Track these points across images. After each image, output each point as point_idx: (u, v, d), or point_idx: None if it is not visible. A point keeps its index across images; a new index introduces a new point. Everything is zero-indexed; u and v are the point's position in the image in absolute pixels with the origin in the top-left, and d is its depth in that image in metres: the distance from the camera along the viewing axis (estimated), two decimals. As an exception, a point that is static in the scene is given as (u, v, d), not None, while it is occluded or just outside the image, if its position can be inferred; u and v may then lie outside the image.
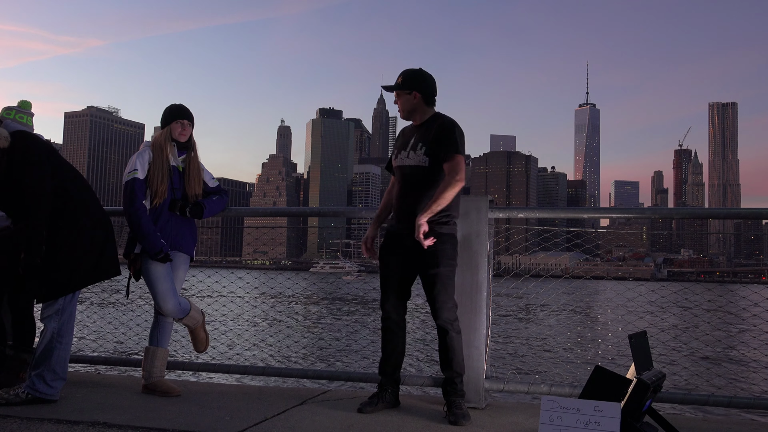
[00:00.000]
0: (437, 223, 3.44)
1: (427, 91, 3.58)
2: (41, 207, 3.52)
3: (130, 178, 3.84)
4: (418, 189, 3.51)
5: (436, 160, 3.49)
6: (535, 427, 3.27)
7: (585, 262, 38.66)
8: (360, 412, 3.50)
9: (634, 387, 2.74)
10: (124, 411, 3.43)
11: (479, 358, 3.77)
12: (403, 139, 3.66)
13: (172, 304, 3.86)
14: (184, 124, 3.98)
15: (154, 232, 3.80)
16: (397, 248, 3.59)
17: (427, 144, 3.51)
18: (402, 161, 3.59)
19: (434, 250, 3.42)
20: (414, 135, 3.60)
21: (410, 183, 3.54)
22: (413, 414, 3.48)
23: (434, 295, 3.46)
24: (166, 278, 3.84)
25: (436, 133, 3.51)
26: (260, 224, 14.76)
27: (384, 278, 3.65)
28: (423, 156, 3.50)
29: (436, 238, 3.40)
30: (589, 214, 4.14)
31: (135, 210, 3.79)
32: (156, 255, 3.78)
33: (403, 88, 3.58)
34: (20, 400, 3.48)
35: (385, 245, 3.66)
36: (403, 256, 3.56)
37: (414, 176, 3.53)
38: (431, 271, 3.45)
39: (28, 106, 3.97)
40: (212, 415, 3.40)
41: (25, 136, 3.61)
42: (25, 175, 3.52)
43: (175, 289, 3.91)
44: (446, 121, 3.56)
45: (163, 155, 3.90)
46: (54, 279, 3.57)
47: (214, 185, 4.19)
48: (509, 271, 4.51)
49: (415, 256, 3.48)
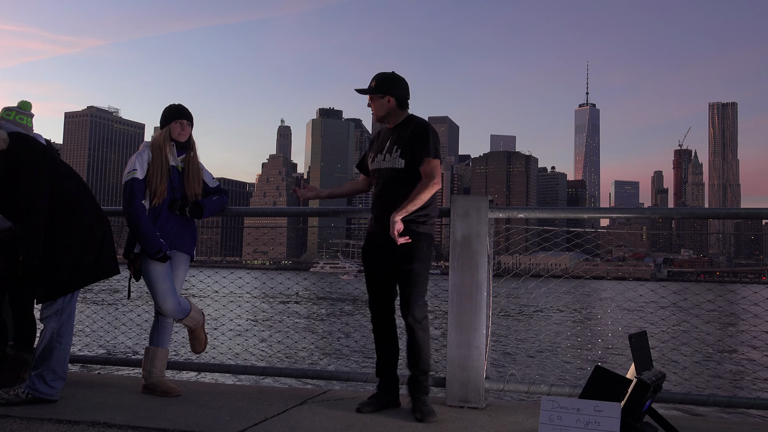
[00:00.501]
0: (414, 222, 3.50)
1: (400, 95, 3.62)
2: (38, 209, 3.52)
3: (129, 178, 3.84)
4: (395, 191, 3.54)
5: (411, 163, 3.53)
6: (535, 427, 3.27)
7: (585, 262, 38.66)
8: (359, 411, 3.52)
9: (634, 387, 2.75)
10: (124, 411, 3.43)
11: (479, 358, 3.77)
12: (379, 142, 3.70)
13: (171, 304, 3.86)
14: (183, 124, 3.98)
15: (153, 232, 3.80)
16: (377, 250, 3.63)
17: (402, 146, 3.55)
18: (378, 164, 3.63)
19: (410, 247, 3.48)
20: (389, 138, 3.64)
21: (387, 185, 3.58)
22: (413, 414, 3.47)
23: (406, 291, 3.50)
24: (165, 278, 3.84)
25: (410, 137, 3.55)
26: (260, 224, 14.76)
27: (369, 280, 3.70)
28: (398, 158, 3.55)
29: (412, 238, 3.46)
30: (589, 214, 4.15)
31: (134, 210, 3.79)
32: (155, 255, 3.78)
33: (377, 92, 3.60)
34: (20, 400, 3.48)
35: (367, 247, 3.70)
36: (382, 257, 3.60)
37: (390, 179, 3.57)
38: (405, 267, 3.50)
39: (28, 107, 3.97)
40: (212, 415, 3.39)
41: (22, 138, 3.60)
42: (22, 177, 3.51)
43: (174, 289, 3.90)
44: (419, 123, 3.60)
45: (162, 155, 3.89)
46: (53, 279, 3.57)
47: (215, 185, 4.20)
48: (509, 271, 4.51)
49: (391, 253, 3.52)
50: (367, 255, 3.69)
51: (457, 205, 3.88)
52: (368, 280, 3.70)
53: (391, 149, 3.58)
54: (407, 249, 3.47)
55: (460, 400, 3.74)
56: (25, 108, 3.92)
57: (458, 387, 3.75)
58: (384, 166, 3.60)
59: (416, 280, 3.50)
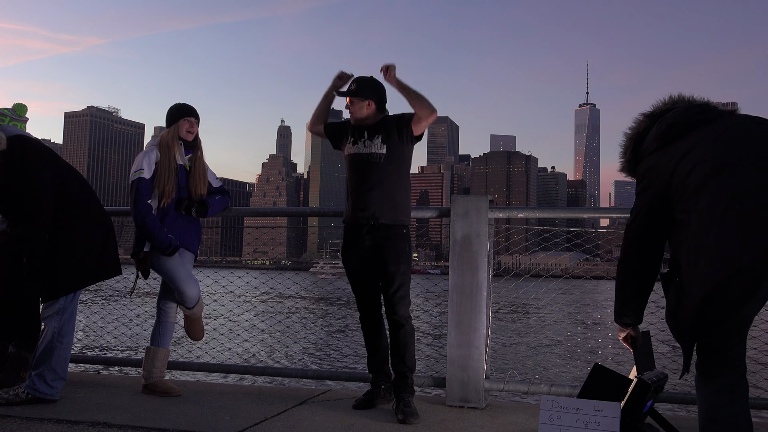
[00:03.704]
0: (402, 226, 3.60)
1: (380, 99, 3.67)
2: (42, 210, 3.52)
3: (136, 178, 3.85)
4: (376, 177, 3.57)
5: (392, 149, 3.58)
6: (535, 427, 3.27)
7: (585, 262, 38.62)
8: (355, 408, 3.56)
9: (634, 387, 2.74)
10: (125, 411, 3.43)
11: (479, 358, 3.77)
12: (354, 131, 3.69)
13: (196, 289, 3.93)
14: (192, 122, 3.99)
15: (160, 228, 3.81)
16: (357, 247, 3.63)
17: (384, 133, 3.60)
18: (359, 149, 3.64)
19: (395, 248, 3.54)
20: (365, 130, 3.66)
21: (366, 171, 3.60)
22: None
23: (394, 291, 3.54)
24: (182, 266, 3.90)
25: (394, 121, 3.62)
26: (260, 224, 14.75)
27: (351, 278, 3.72)
28: (380, 144, 3.59)
29: (400, 239, 3.57)
30: (589, 214, 4.14)
31: (140, 209, 3.79)
32: (165, 250, 3.80)
33: (358, 96, 3.63)
34: (20, 399, 3.48)
35: (346, 244, 3.70)
36: (363, 255, 3.61)
37: (371, 163, 3.59)
38: (392, 269, 3.53)
39: (23, 111, 3.93)
40: (212, 415, 3.40)
41: (24, 140, 3.60)
42: (26, 178, 3.51)
43: (192, 275, 3.95)
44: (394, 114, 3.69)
45: (170, 154, 3.90)
46: (55, 279, 3.57)
47: (218, 185, 4.21)
48: (509, 271, 4.50)
49: (375, 254, 3.56)
50: (348, 254, 3.69)
51: (457, 205, 3.88)
52: (351, 279, 3.72)
53: (372, 136, 3.61)
54: (393, 250, 3.53)
55: (460, 400, 3.74)
56: (20, 113, 3.90)
57: (458, 387, 3.75)
58: (364, 152, 3.61)
59: (404, 280, 3.56)
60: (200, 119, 4.07)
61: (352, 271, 3.70)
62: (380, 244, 3.55)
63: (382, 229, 3.55)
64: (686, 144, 2.28)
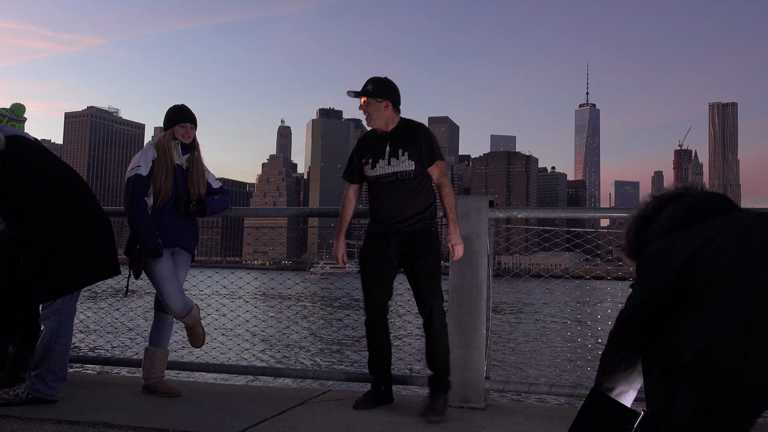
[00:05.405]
0: (431, 222, 3.62)
1: (396, 99, 3.65)
2: (39, 210, 3.52)
3: (132, 175, 3.84)
4: (408, 194, 3.56)
5: (420, 165, 3.58)
6: (535, 427, 3.27)
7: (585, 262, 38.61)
8: (355, 408, 3.55)
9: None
10: (124, 411, 3.43)
11: (479, 359, 3.77)
12: (374, 148, 3.65)
13: (180, 303, 3.86)
14: (187, 127, 3.97)
15: (150, 229, 3.78)
16: (381, 250, 3.62)
17: (409, 149, 3.58)
18: (383, 170, 3.60)
19: (429, 242, 3.57)
20: (387, 142, 3.62)
21: (394, 189, 3.57)
22: (413, 414, 3.47)
23: (426, 284, 3.54)
24: (173, 278, 3.84)
25: (420, 140, 3.60)
26: (260, 224, 14.76)
27: (367, 280, 3.69)
28: (408, 161, 3.57)
29: (430, 236, 3.60)
30: (589, 214, 4.15)
31: (134, 206, 3.79)
32: (150, 252, 3.77)
33: (375, 96, 3.60)
34: (20, 400, 3.48)
35: (368, 248, 3.68)
36: (388, 257, 3.60)
37: (399, 181, 3.57)
38: (424, 261, 3.54)
39: (21, 111, 3.92)
40: (212, 415, 3.40)
41: (20, 140, 3.59)
42: (23, 179, 3.51)
43: (182, 289, 3.92)
44: (422, 127, 3.67)
45: (167, 155, 3.89)
46: (52, 279, 3.57)
47: (217, 186, 4.20)
48: (509, 271, 4.51)
49: (406, 250, 3.56)
50: (369, 256, 3.66)
51: (458, 205, 3.88)
52: (366, 281, 3.69)
53: (396, 153, 3.58)
54: (426, 244, 3.55)
55: (461, 401, 3.74)
56: (18, 113, 3.89)
57: (458, 387, 3.75)
58: (390, 171, 3.58)
59: (436, 274, 3.58)
60: (198, 121, 4.05)
61: (374, 274, 3.65)
62: (409, 242, 3.55)
63: (412, 234, 3.56)
64: (709, 228, 2.02)
